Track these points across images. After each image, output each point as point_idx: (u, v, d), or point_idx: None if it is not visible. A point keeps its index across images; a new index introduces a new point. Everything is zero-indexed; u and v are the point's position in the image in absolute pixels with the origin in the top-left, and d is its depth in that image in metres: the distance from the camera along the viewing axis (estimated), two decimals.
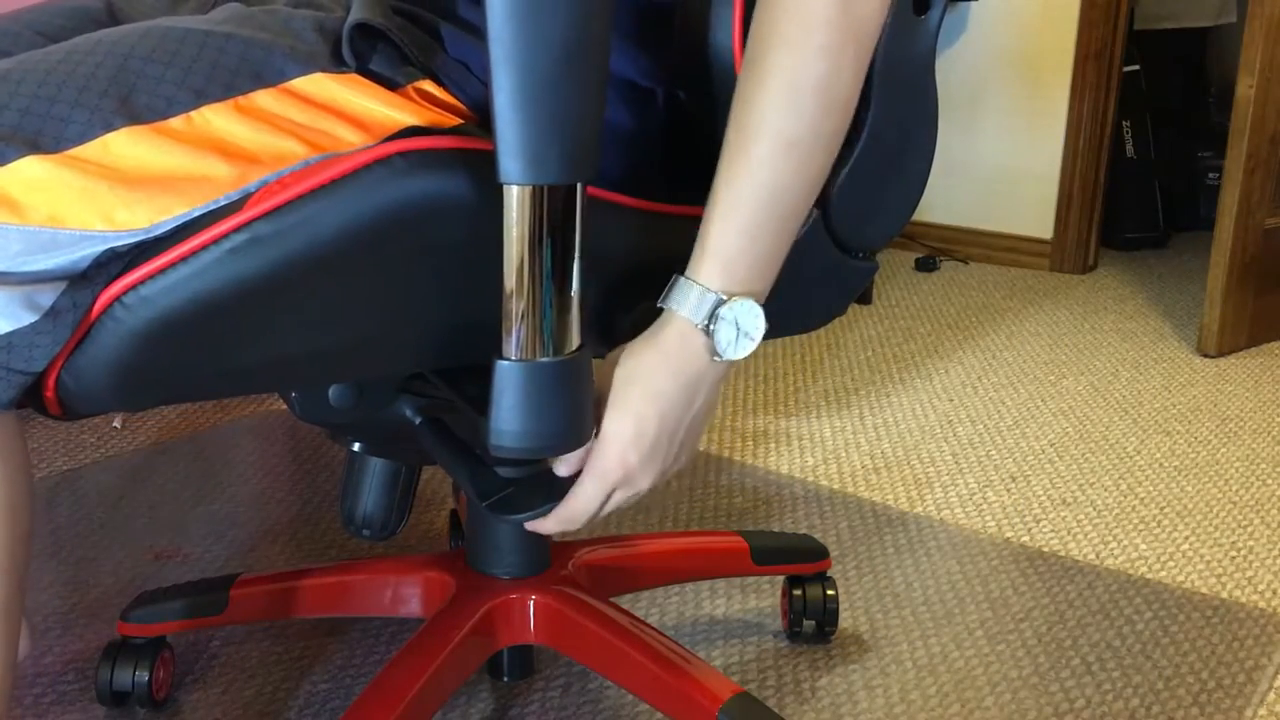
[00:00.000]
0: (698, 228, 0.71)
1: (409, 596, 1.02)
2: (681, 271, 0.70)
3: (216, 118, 0.63)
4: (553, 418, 0.66)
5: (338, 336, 0.66)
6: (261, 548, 1.33)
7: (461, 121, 0.70)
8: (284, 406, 1.79)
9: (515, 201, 0.61)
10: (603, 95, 0.61)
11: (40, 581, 1.24)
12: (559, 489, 0.73)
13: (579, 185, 0.62)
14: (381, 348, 0.69)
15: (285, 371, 0.67)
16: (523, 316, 0.63)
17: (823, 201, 0.79)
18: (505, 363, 0.64)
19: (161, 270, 0.59)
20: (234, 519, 1.40)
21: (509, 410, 0.64)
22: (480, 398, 0.66)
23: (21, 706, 1.03)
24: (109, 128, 0.60)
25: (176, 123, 0.62)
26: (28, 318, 0.58)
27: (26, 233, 0.58)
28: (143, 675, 1.01)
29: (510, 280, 0.62)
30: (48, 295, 0.59)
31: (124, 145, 0.60)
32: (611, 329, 0.76)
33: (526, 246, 0.62)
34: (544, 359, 0.64)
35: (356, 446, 0.92)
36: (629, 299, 0.75)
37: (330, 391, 0.80)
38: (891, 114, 0.79)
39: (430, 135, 0.66)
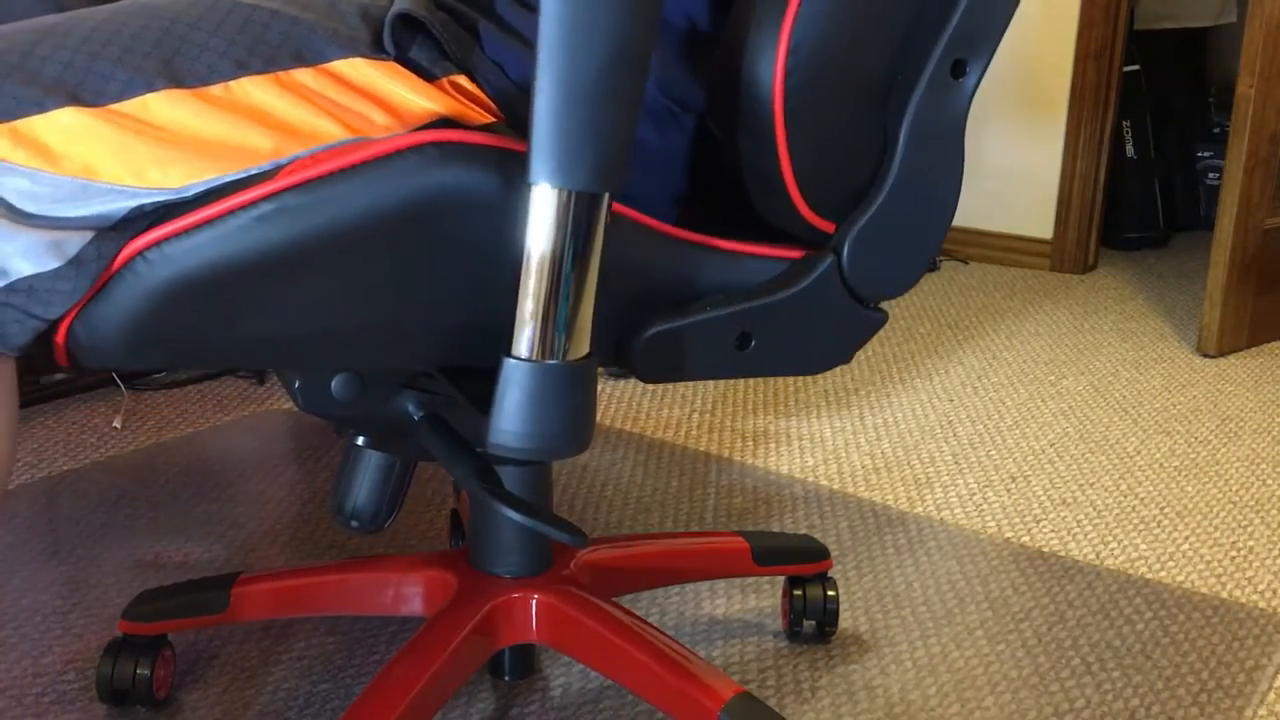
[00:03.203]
0: (717, 260, 0.71)
1: (410, 595, 1.02)
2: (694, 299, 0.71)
3: (256, 89, 0.64)
4: (554, 421, 0.66)
5: (350, 318, 0.67)
6: (261, 548, 1.33)
7: (492, 119, 0.71)
8: (284, 406, 1.79)
9: (541, 203, 0.61)
10: (637, 111, 0.62)
11: (40, 581, 1.24)
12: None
13: (605, 196, 0.63)
14: (390, 336, 0.69)
15: (292, 348, 0.67)
16: (536, 317, 0.63)
17: (838, 247, 0.80)
18: (513, 361, 0.64)
19: (187, 230, 0.61)
20: (234, 519, 1.40)
21: (511, 409, 0.65)
22: (482, 396, 0.66)
23: (21, 706, 1.03)
24: (150, 88, 0.61)
25: (217, 90, 0.63)
26: (52, 263, 0.59)
27: (59, 181, 0.59)
28: (143, 673, 1.01)
29: (528, 280, 0.63)
30: (74, 244, 0.60)
31: (163, 106, 0.61)
32: (625, 349, 0.76)
33: (547, 249, 0.62)
34: (552, 361, 0.64)
35: (360, 441, 0.92)
36: (643, 322, 0.75)
37: (333, 383, 0.80)
38: (918, 171, 0.79)
39: (465, 129, 0.67)
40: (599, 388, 1.88)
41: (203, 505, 1.44)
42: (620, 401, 1.82)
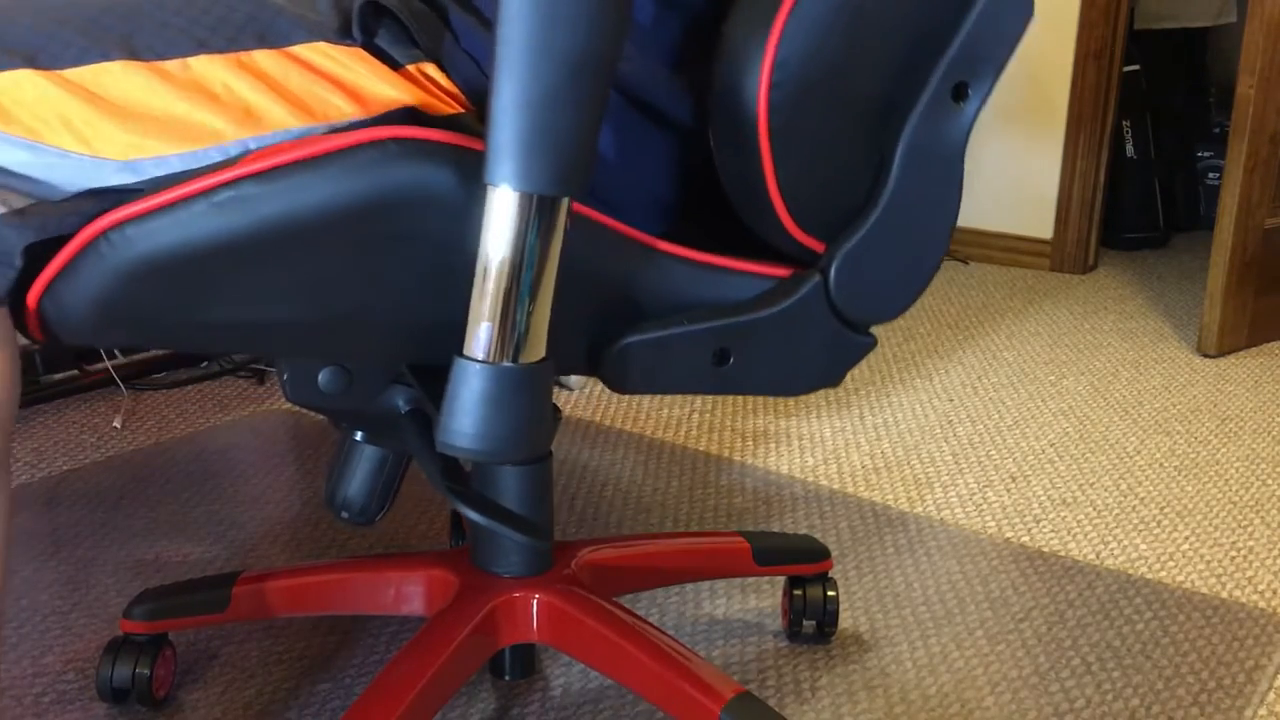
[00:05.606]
0: (699, 274, 0.71)
1: (412, 594, 1.02)
2: (673, 311, 0.72)
3: (213, 68, 0.64)
4: (504, 423, 0.65)
5: (310, 309, 0.67)
6: (261, 548, 1.33)
7: (459, 109, 0.71)
8: (284, 406, 1.79)
9: (498, 204, 0.61)
10: (601, 114, 0.61)
11: (40, 581, 1.24)
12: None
13: (565, 200, 0.62)
14: (352, 330, 0.69)
15: (256, 335, 0.68)
16: (490, 318, 0.63)
17: (825, 268, 0.79)
18: (466, 361, 0.64)
19: (149, 212, 0.61)
20: (234, 519, 1.40)
21: (461, 409, 0.64)
22: (443, 395, 0.66)
23: (21, 706, 1.03)
24: (106, 58, 0.62)
25: (172, 66, 0.64)
26: None
27: (6, 139, 0.60)
28: (143, 672, 1.01)
29: (484, 281, 0.62)
30: (18, 201, 0.60)
31: (116, 76, 0.62)
32: (597, 357, 0.75)
33: (504, 250, 0.62)
34: (506, 363, 0.64)
35: (359, 436, 0.92)
36: (617, 331, 0.75)
37: (320, 375, 0.80)
38: (911, 196, 0.77)
39: (427, 126, 0.66)
40: (597, 388, 1.88)
41: (203, 505, 1.43)
42: (620, 401, 1.82)
